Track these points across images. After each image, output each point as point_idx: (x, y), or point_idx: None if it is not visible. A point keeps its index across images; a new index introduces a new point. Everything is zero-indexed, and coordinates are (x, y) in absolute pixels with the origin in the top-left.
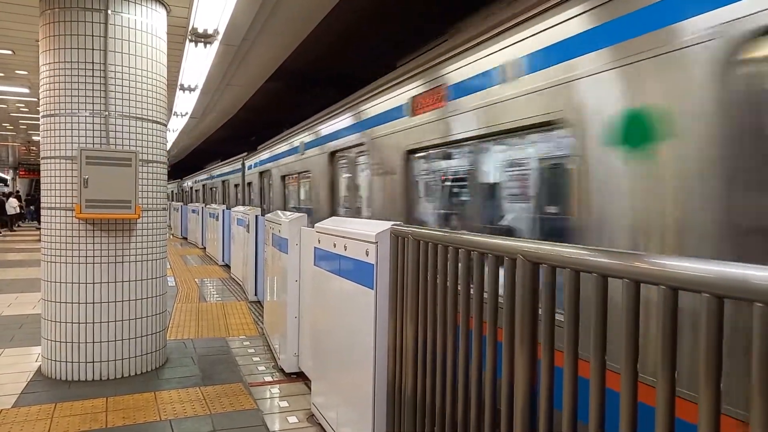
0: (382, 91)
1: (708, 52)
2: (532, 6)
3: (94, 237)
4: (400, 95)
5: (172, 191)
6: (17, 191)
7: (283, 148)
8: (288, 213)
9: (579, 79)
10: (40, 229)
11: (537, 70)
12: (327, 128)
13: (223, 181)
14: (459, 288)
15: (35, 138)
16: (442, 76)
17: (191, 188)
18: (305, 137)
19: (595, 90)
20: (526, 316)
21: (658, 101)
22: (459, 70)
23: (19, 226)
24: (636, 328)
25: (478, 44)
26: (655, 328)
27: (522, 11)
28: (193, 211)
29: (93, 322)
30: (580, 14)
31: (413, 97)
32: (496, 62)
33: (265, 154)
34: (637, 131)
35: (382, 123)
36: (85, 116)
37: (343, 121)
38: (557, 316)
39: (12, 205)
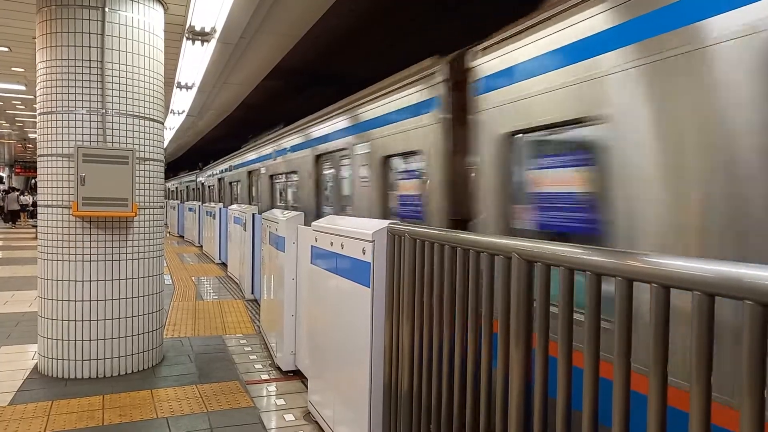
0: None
1: None
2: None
3: (90, 235)
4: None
5: (177, 188)
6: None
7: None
8: (286, 211)
9: None
10: (36, 226)
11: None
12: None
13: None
14: (455, 286)
15: (32, 135)
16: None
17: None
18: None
19: None
20: (521, 313)
21: None
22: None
23: (18, 223)
24: (629, 326)
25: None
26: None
27: None
28: (190, 209)
29: (89, 320)
30: None
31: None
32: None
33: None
34: None
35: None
36: (82, 114)
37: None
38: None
39: (13, 200)
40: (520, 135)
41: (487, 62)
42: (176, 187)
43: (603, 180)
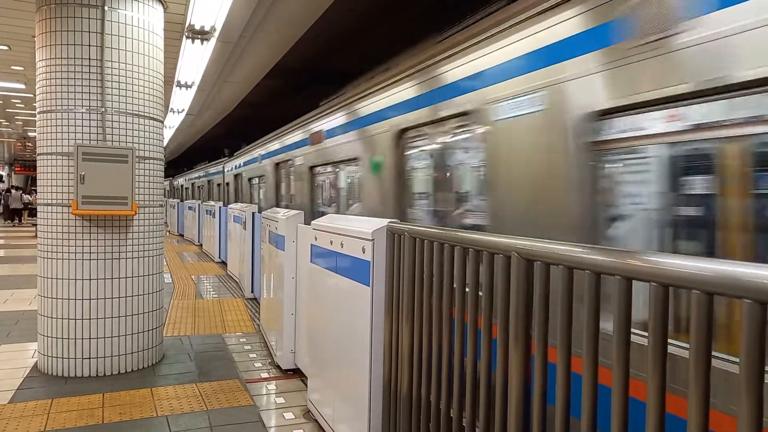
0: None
1: None
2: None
3: (90, 233)
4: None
5: (182, 185)
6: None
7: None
8: (285, 210)
9: None
10: (36, 225)
11: None
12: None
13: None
14: (454, 285)
15: (31, 134)
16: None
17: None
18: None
19: None
20: (520, 312)
21: None
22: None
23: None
24: (628, 325)
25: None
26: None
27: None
28: (190, 207)
29: (89, 319)
30: None
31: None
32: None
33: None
34: None
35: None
36: (82, 113)
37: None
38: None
39: (16, 198)
40: None
41: None
42: (192, 184)
43: None
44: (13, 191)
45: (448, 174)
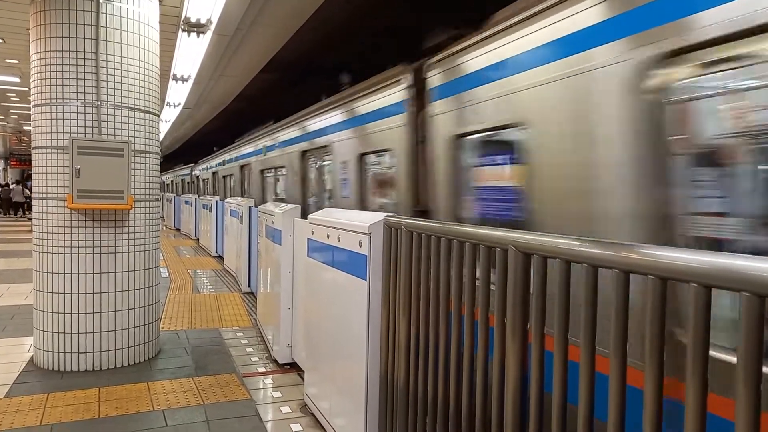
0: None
1: None
2: None
3: (86, 227)
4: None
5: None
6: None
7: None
8: (282, 204)
9: None
10: (31, 219)
11: None
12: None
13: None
14: (451, 278)
15: (26, 128)
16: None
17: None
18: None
19: None
20: (517, 305)
21: None
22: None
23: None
24: (626, 318)
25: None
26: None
27: None
28: (186, 202)
29: (85, 313)
30: None
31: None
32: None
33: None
34: None
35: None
36: (77, 106)
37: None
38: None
39: (18, 192)
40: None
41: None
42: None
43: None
44: (15, 185)
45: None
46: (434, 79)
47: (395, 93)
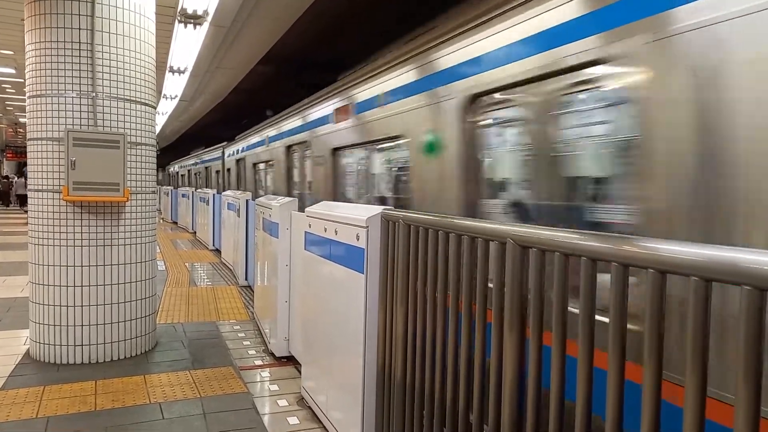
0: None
1: None
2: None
3: (82, 220)
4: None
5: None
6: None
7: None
8: (279, 197)
9: None
10: (27, 211)
11: None
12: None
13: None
14: (449, 272)
15: (22, 120)
16: None
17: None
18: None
19: None
20: (515, 298)
21: None
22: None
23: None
24: (624, 312)
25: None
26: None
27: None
28: (183, 195)
29: (81, 306)
30: None
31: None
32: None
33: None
34: None
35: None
36: (72, 97)
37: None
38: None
39: (21, 185)
40: None
41: None
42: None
43: None
44: (19, 178)
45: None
46: None
47: None
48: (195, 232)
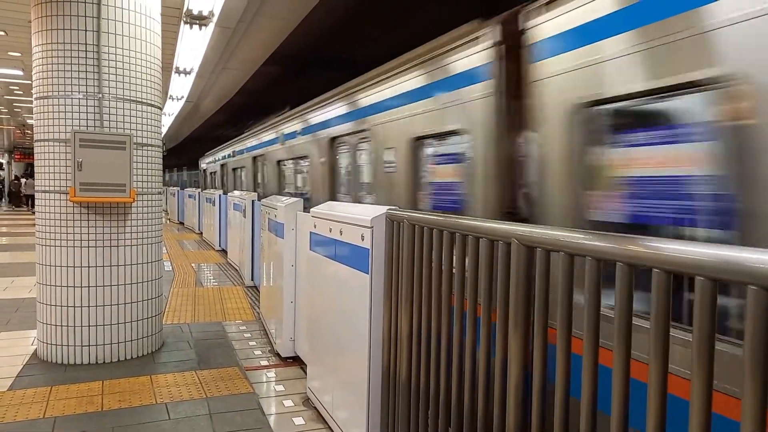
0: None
1: None
2: None
3: (88, 220)
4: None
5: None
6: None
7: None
8: (285, 197)
9: None
10: (34, 212)
11: None
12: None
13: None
14: (454, 272)
15: (30, 121)
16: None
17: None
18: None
19: None
20: (520, 298)
21: None
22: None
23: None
24: (630, 312)
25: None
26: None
27: None
28: (190, 196)
29: (89, 306)
30: None
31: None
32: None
33: None
34: None
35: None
36: (79, 98)
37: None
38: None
39: (31, 185)
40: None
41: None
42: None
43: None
44: (28, 179)
45: None
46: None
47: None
48: (201, 233)
